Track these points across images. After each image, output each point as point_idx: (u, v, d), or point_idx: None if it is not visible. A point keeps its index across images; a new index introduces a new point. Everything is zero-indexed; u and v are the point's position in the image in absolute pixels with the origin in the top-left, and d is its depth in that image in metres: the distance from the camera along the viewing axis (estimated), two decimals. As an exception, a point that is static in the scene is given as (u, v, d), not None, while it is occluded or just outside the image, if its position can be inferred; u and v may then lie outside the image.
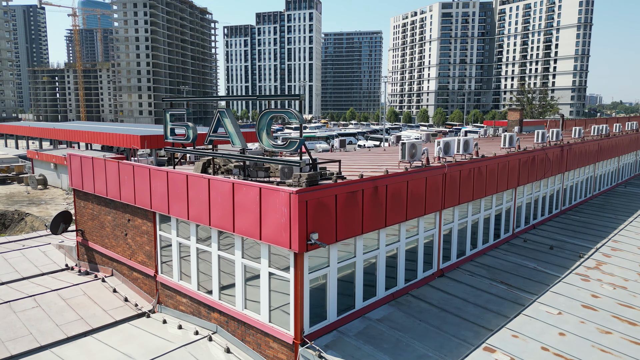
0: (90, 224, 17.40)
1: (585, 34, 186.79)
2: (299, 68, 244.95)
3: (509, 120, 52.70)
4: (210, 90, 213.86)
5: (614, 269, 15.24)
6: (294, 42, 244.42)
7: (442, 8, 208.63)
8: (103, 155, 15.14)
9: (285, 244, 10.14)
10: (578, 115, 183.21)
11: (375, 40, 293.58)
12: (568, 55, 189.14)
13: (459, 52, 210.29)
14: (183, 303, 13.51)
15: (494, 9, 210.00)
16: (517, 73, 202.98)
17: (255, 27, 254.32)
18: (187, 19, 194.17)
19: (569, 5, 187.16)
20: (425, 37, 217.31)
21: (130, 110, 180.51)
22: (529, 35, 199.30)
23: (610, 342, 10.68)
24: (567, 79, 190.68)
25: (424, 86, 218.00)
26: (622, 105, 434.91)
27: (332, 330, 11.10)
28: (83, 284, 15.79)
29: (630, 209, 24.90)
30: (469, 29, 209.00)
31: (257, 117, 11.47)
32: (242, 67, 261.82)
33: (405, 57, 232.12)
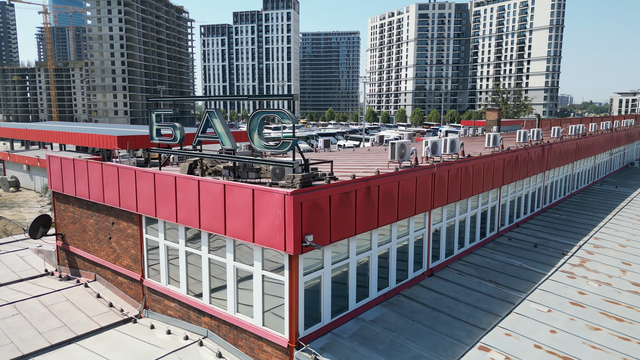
0: (71, 227, 16.88)
1: (557, 36, 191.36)
2: (277, 68, 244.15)
3: (487, 120, 53.45)
4: (187, 90, 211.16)
5: (597, 266, 15.57)
6: (271, 42, 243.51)
7: (418, 9, 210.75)
8: (79, 156, 14.62)
9: (280, 246, 9.99)
10: (551, 115, 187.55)
11: (353, 41, 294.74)
12: (541, 57, 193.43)
13: (436, 53, 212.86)
14: (171, 307, 13.21)
15: (469, 10, 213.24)
16: (492, 74, 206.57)
17: (233, 27, 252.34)
18: (163, 17, 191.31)
19: (541, 7, 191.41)
20: (402, 38, 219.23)
21: (105, 110, 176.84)
22: (503, 36, 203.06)
23: (600, 339, 10.87)
24: (540, 79, 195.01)
25: (402, 86, 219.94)
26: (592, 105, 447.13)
27: (327, 333, 11.00)
28: (65, 290, 15.30)
29: (607, 206, 25.52)
30: (445, 30, 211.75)
31: (249, 117, 11.29)
32: (219, 67, 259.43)
33: (383, 57, 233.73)
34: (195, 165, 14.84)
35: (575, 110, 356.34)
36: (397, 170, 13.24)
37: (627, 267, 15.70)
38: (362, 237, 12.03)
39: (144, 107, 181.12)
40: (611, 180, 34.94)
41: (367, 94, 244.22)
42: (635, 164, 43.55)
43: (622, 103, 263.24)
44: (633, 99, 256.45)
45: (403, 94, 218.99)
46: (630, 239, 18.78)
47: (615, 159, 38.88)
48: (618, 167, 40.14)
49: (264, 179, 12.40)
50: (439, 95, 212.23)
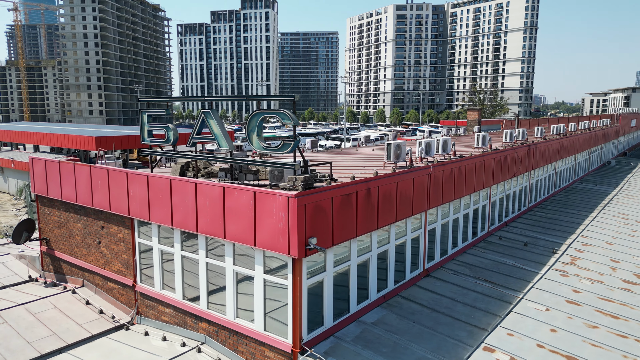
0: (57, 232, 16.32)
1: (531, 38, 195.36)
2: (256, 67, 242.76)
3: (468, 120, 54.18)
4: (164, 90, 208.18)
5: (588, 263, 15.83)
6: (250, 41, 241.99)
7: (396, 10, 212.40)
8: (55, 157, 14.09)
9: (283, 250, 9.80)
10: (526, 115, 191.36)
11: (331, 41, 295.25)
12: (516, 58, 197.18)
13: (414, 54, 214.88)
14: (166, 313, 12.87)
15: (446, 11, 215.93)
16: (469, 74, 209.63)
17: (210, 26, 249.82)
18: (139, 15, 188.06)
19: (515, 9, 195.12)
20: (380, 38, 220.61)
21: (80, 110, 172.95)
22: (479, 37, 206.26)
23: (599, 336, 11.01)
24: (515, 80, 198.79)
25: (381, 86, 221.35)
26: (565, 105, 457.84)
27: (329, 337, 10.86)
28: (52, 297, 14.78)
29: (590, 205, 26.07)
30: (423, 31, 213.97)
31: (247, 118, 11.07)
32: (197, 66, 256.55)
33: (361, 57, 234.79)
34: (187, 167, 14.51)
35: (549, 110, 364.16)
36: (394, 171, 13.19)
37: (616, 264, 16.01)
38: (362, 239, 11.94)
39: (120, 107, 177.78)
40: (590, 178, 35.75)
41: (347, 94, 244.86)
42: (611, 162, 44.70)
43: (593, 103, 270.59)
44: (604, 99, 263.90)
45: (382, 94, 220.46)
46: (616, 236, 19.18)
47: (593, 158, 39.81)
48: (596, 166, 41.11)
49: (262, 181, 12.20)
50: (417, 95, 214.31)
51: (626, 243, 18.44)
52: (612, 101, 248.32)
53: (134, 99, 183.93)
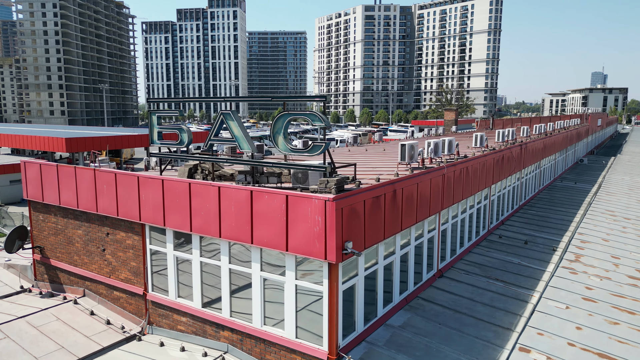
0: (53, 239, 15.47)
1: (495, 39, 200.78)
2: (224, 67, 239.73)
3: (445, 120, 55.08)
4: (129, 89, 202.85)
5: (592, 260, 16.21)
6: (218, 40, 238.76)
7: (365, 11, 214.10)
8: (19, 159, 13.33)
9: (320, 255, 9.54)
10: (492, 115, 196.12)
11: (300, 41, 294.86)
12: (480, 59, 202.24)
13: (382, 54, 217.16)
14: (182, 322, 12.36)
15: (413, 13, 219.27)
16: (436, 75, 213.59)
17: (177, 24, 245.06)
18: (102, 12, 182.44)
19: (480, 12, 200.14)
20: (349, 39, 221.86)
21: (40, 110, 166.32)
22: (445, 39, 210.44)
23: (622, 332, 11.24)
24: (480, 80, 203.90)
25: (350, 87, 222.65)
26: (525, 105, 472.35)
27: (361, 342, 10.67)
28: (53, 308, 13.98)
29: (575, 202, 26.85)
30: (391, 32, 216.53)
31: (273, 119, 10.74)
32: (163, 65, 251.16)
33: (330, 57, 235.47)
34: (195, 170, 14.04)
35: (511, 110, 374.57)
36: (413, 172, 13.12)
37: (617, 260, 16.47)
38: (386, 241, 11.80)
39: (83, 107, 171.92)
40: (568, 176, 36.89)
41: (316, 94, 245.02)
42: (584, 160, 46.32)
43: (553, 103, 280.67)
44: (562, 99, 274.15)
45: (351, 94, 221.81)
46: (610, 233, 19.76)
47: (569, 157, 41.12)
48: (571, 164, 42.49)
49: (285, 184, 11.88)
50: (386, 95, 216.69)
51: (620, 240, 19.02)
52: (571, 101, 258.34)
53: (97, 98, 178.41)
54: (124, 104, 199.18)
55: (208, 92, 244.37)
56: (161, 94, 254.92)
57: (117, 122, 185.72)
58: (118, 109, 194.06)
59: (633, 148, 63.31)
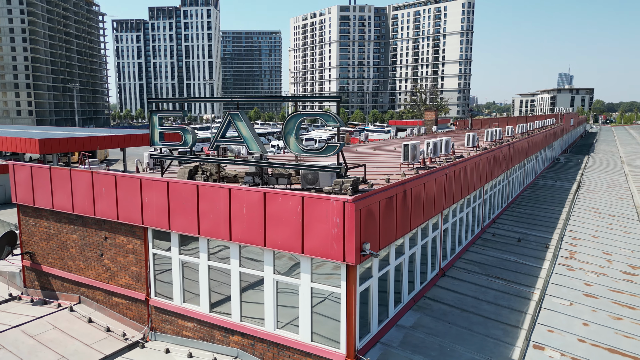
0: (45, 245, 14.88)
1: (468, 41, 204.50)
2: (198, 66, 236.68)
3: (425, 120, 55.68)
4: (100, 89, 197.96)
5: (586, 257, 16.62)
6: (191, 40, 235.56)
7: (340, 11, 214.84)
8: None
9: (338, 257, 9.44)
10: (464, 115, 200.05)
11: (274, 40, 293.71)
12: (454, 60, 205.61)
13: (357, 55, 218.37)
14: (188, 328, 12.06)
15: (387, 14, 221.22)
16: (411, 75, 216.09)
17: (149, 22, 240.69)
18: (71, 10, 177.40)
19: (453, 14, 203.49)
20: (325, 39, 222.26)
21: (6, 110, 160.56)
22: (419, 40, 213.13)
23: (626, 328, 11.53)
24: (453, 81, 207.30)
25: (326, 87, 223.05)
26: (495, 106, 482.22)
27: (376, 343, 10.62)
28: (48, 316, 13.44)
29: (558, 200, 27.51)
30: (366, 32, 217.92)
31: (285, 119, 10.58)
32: (134, 64, 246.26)
33: (306, 58, 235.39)
34: (195, 171, 13.76)
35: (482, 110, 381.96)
36: (417, 172, 13.16)
37: (609, 256, 16.93)
38: (397, 242, 11.78)
39: (52, 107, 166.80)
40: (547, 175, 37.79)
41: (292, 94, 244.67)
42: (560, 159, 47.56)
43: (523, 103, 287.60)
44: (532, 100, 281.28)
45: (327, 94, 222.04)
46: (598, 230, 20.32)
47: (547, 156, 42.13)
48: (549, 163, 43.56)
49: (294, 185, 11.72)
50: (362, 95, 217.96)
51: (608, 236, 19.57)
52: (540, 101, 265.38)
53: (67, 98, 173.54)
54: (95, 104, 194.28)
55: (182, 92, 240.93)
56: (133, 93, 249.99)
57: (87, 123, 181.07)
58: (88, 108, 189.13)
59: (604, 147, 65.46)
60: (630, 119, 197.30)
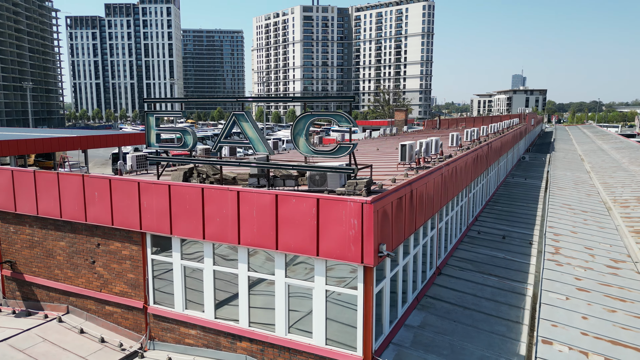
0: (27, 253, 14.06)
1: (429, 42, 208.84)
2: (158, 65, 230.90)
3: (395, 120, 56.42)
4: (54, 87, 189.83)
5: (570, 252, 17.22)
6: (151, 38, 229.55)
7: (303, 11, 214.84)
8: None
9: (356, 259, 9.35)
10: (425, 115, 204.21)
11: (236, 40, 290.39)
12: (415, 61, 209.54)
13: (321, 55, 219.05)
14: (191, 335, 11.67)
15: (350, 15, 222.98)
16: (374, 76, 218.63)
17: (105, 19, 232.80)
18: (22, 5, 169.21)
19: (414, 16, 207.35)
20: (288, 39, 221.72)
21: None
22: (382, 41, 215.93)
23: (622, 319, 12.01)
24: (415, 82, 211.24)
25: (290, 87, 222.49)
26: (454, 106, 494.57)
27: (389, 344, 10.61)
28: (36, 328, 12.69)
29: (532, 197, 28.46)
30: (329, 33, 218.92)
31: (294, 120, 10.41)
32: (90, 62, 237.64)
33: (269, 57, 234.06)
34: (190, 174, 13.39)
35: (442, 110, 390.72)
36: (417, 172, 13.25)
37: (591, 251, 17.61)
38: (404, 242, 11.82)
39: (2, 107, 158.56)
40: (516, 173, 39.02)
41: (255, 94, 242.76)
42: (526, 157, 49.23)
43: (480, 104, 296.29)
44: (489, 100, 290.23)
45: (291, 94, 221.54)
46: (575, 226, 21.12)
47: (515, 154, 43.52)
48: (515, 161, 44.99)
49: (301, 187, 11.55)
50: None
51: (586, 231, 20.38)
52: (497, 102, 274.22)
53: (18, 97, 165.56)
54: (49, 104, 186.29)
55: (141, 92, 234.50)
56: (89, 92, 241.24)
57: (41, 123, 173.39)
58: (42, 108, 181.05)
59: (563, 145, 68.31)
60: (581, 119, 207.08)
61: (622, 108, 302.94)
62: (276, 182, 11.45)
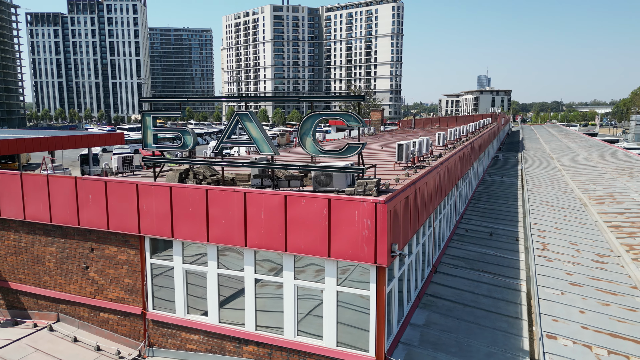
0: (13, 259, 13.41)
1: (398, 43, 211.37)
2: (124, 64, 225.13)
3: (372, 120, 56.77)
4: (14, 87, 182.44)
5: (557, 248, 17.67)
6: (116, 36, 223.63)
7: (273, 10, 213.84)
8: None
9: (369, 259, 9.31)
10: (396, 115, 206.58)
11: (205, 38, 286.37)
12: (385, 62, 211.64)
13: (292, 55, 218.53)
14: (194, 341, 11.37)
15: (320, 15, 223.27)
16: (344, 76, 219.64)
17: (68, 16, 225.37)
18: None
19: (383, 17, 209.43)
20: (258, 38, 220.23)
21: None
22: (352, 41, 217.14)
23: (616, 312, 12.39)
24: (385, 82, 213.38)
25: (261, 86, 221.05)
26: (422, 106, 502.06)
27: (398, 343, 10.62)
28: (26, 338, 12.10)
29: (511, 194, 29.15)
30: (300, 33, 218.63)
31: (301, 119, 10.28)
32: (52, 61, 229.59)
33: (240, 57, 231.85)
34: (186, 175, 13.11)
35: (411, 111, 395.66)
36: (416, 171, 13.33)
37: (576, 247, 18.13)
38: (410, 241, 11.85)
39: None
40: (492, 171, 39.91)
41: (226, 93, 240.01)
42: (499, 156, 50.41)
43: (448, 104, 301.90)
44: (456, 100, 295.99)
45: (263, 94, 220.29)
46: (557, 222, 21.71)
47: (489, 154, 44.49)
48: (490, 160, 46.01)
49: (306, 187, 11.43)
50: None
51: (568, 227, 20.98)
52: (464, 102, 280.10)
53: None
54: (8, 103, 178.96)
55: (107, 91, 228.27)
56: (51, 92, 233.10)
57: (0, 124, 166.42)
58: (1, 108, 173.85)
59: (532, 144, 70.29)
60: (545, 118, 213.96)
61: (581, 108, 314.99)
62: (281, 182, 11.29)
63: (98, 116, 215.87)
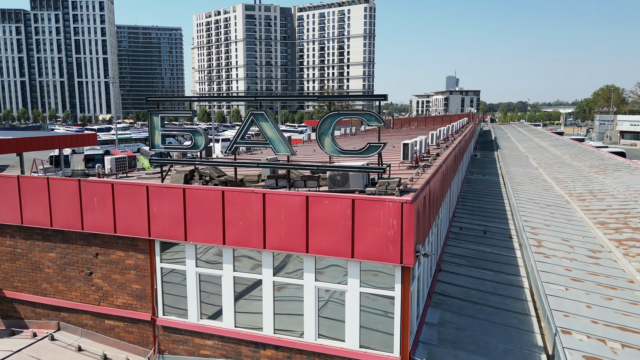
0: (8, 266, 12.76)
1: (371, 43, 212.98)
2: (90, 62, 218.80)
3: (351, 120, 56.96)
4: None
5: (552, 245, 18.08)
6: (82, 33, 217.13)
7: (245, 10, 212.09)
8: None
9: (394, 259, 9.26)
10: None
11: (175, 37, 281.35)
12: (358, 62, 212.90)
13: (264, 54, 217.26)
14: (208, 346, 11.07)
15: (293, 15, 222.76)
16: (318, 76, 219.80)
17: (30, 13, 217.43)
18: None
19: (356, 17, 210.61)
20: (230, 38, 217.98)
21: None
22: (325, 41, 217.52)
23: (620, 306, 12.73)
24: (358, 82, 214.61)
25: (233, 86, 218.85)
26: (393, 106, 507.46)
27: (418, 343, 10.61)
28: (27, 349, 11.52)
29: (496, 192, 29.71)
30: (272, 32, 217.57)
31: (320, 119, 10.15)
32: (14, 59, 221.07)
33: (211, 56, 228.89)
34: (191, 176, 12.80)
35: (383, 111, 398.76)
36: (423, 170, 13.39)
37: (569, 242, 18.59)
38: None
39: None
40: (473, 170, 40.61)
41: (197, 93, 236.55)
42: (477, 155, 51.37)
43: (419, 104, 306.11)
44: (427, 101, 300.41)
45: (235, 93, 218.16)
46: (546, 219, 22.23)
47: (469, 152, 45.27)
48: (469, 159, 46.83)
49: (322, 187, 11.29)
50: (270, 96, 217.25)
51: (557, 224, 21.51)
52: (434, 102, 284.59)
53: None
54: None
55: (72, 90, 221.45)
56: (13, 91, 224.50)
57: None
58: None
59: (505, 143, 71.95)
60: (512, 118, 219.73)
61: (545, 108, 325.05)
62: (296, 183, 11.11)
63: (63, 116, 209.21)
